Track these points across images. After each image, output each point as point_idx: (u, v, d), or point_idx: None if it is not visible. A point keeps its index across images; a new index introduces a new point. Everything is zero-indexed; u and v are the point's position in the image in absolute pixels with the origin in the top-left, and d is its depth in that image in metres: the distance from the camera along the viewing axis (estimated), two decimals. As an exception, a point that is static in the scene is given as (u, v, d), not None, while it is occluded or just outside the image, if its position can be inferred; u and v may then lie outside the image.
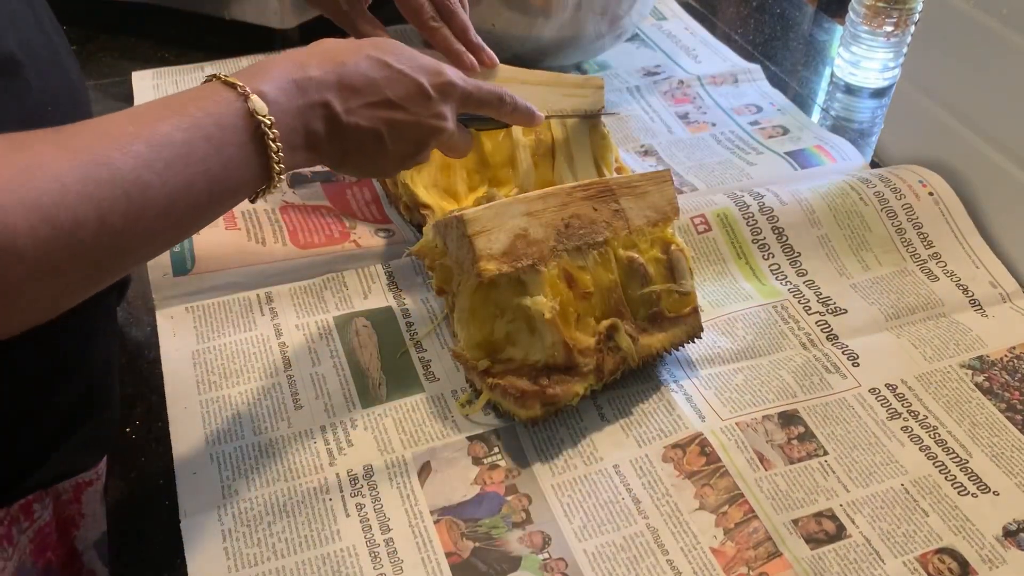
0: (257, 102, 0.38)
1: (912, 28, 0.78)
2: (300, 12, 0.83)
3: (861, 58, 0.82)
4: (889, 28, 0.79)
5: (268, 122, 0.39)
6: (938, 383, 0.55)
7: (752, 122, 0.79)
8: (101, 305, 0.49)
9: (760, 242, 0.64)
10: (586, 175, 0.65)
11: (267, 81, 0.40)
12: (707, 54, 0.88)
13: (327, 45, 0.45)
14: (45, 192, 0.31)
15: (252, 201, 0.41)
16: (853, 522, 0.47)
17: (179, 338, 0.55)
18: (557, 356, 0.49)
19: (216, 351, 0.55)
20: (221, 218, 0.62)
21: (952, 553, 0.46)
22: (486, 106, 0.52)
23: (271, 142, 0.39)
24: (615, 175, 0.67)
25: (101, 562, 0.53)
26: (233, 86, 0.39)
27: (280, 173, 0.40)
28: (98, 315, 0.49)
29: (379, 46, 0.46)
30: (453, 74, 0.49)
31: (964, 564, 0.45)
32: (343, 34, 0.64)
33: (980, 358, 0.57)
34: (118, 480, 0.48)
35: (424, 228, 0.58)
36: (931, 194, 0.66)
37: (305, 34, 0.86)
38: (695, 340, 0.55)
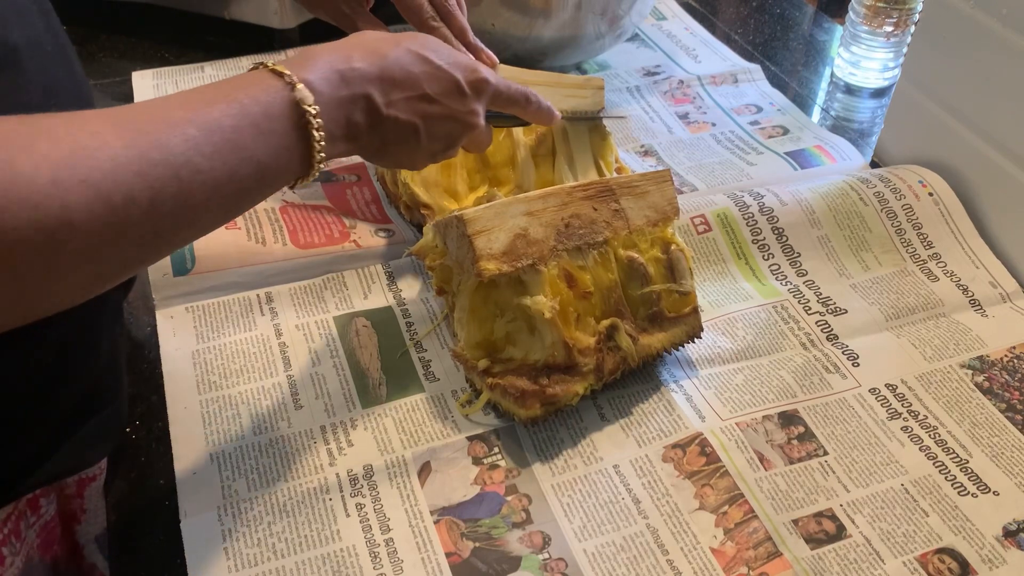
0: (303, 91, 0.39)
1: (912, 28, 0.78)
2: (300, 12, 0.83)
3: (861, 58, 0.82)
4: (889, 28, 0.79)
5: (313, 111, 0.39)
6: (938, 383, 0.55)
7: (752, 122, 0.79)
8: (108, 301, 0.49)
9: (760, 242, 0.64)
10: (586, 175, 0.65)
11: (313, 71, 0.40)
12: (707, 54, 0.88)
13: (368, 37, 0.45)
14: (101, 170, 0.31)
15: (291, 188, 0.42)
16: (853, 522, 0.47)
17: (179, 338, 0.55)
18: (557, 356, 0.49)
19: (216, 351, 0.55)
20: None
21: (952, 553, 0.46)
22: (514, 104, 0.53)
23: (314, 131, 0.39)
24: (615, 175, 0.67)
25: (102, 555, 0.53)
26: (280, 75, 0.39)
27: (320, 162, 0.40)
28: (105, 311, 0.49)
29: (419, 40, 0.46)
30: (487, 72, 0.49)
31: (964, 564, 0.45)
32: (343, 35, 0.63)
33: (980, 358, 0.57)
34: (119, 480, 0.48)
35: (424, 228, 0.58)
36: (931, 194, 0.66)
37: (305, 34, 0.86)
38: (695, 340, 0.55)
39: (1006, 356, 0.57)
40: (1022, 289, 0.62)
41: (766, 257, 0.64)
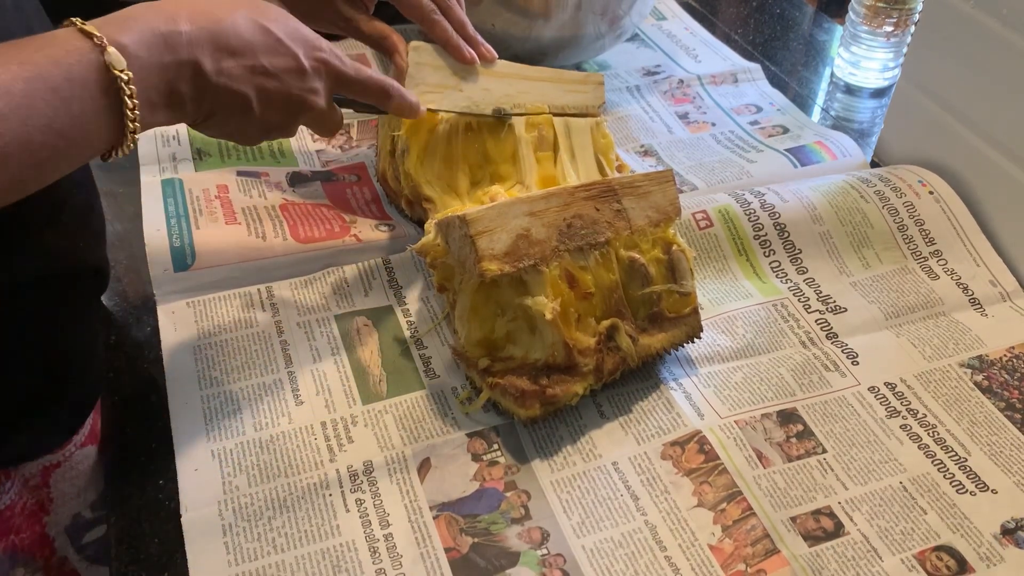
0: (114, 55, 0.36)
1: (912, 28, 0.78)
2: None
3: (861, 58, 0.82)
4: (889, 28, 0.79)
5: (125, 78, 0.36)
6: (937, 382, 0.55)
7: (752, 122, 0.79)
8: (68, 295, 0.49)
9: (761, 238, 0.64)
10: (588, 171, 0.65)
11: (130, 32, 0.37)
12: (707, 54, 0.88)
13: None
14: None
15: (104, 159, 0.39)
16: (851, 519, 0.47)
17: (180, 333, 0.55)
18: (557, 356, 0.49)
19: (217, 347, 0.55)
20: (220, 213, 0.63)
21: (950, 551, 0.46)
22: (369, 95, 0.51)
23: (127, 98, 0.36)
24: (616, 172, 0.67)
25: (73, 548, 0.53)
26: (90, 36, 0.36)
27: (135, 132, 0.38)
28: (67, 301, 0.49)
29: (259, 8, 0.43)
30: (330, 53, 0.47)
31: (962, 562, 0.45)
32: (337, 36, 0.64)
33: (979, 357, 0.57)
34: (118, 480, 0.48)
35: (425, 225, 0.59)
36: (931, 192, 0.66)
37: None
38: (695, 340, 0.55)
39: (1005, 355, 0.57)
40: (1022, 288, 0.62)
41: (767, 254, 0.64)
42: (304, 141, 0.73)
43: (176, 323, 0.56)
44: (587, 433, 0.51)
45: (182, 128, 0.72)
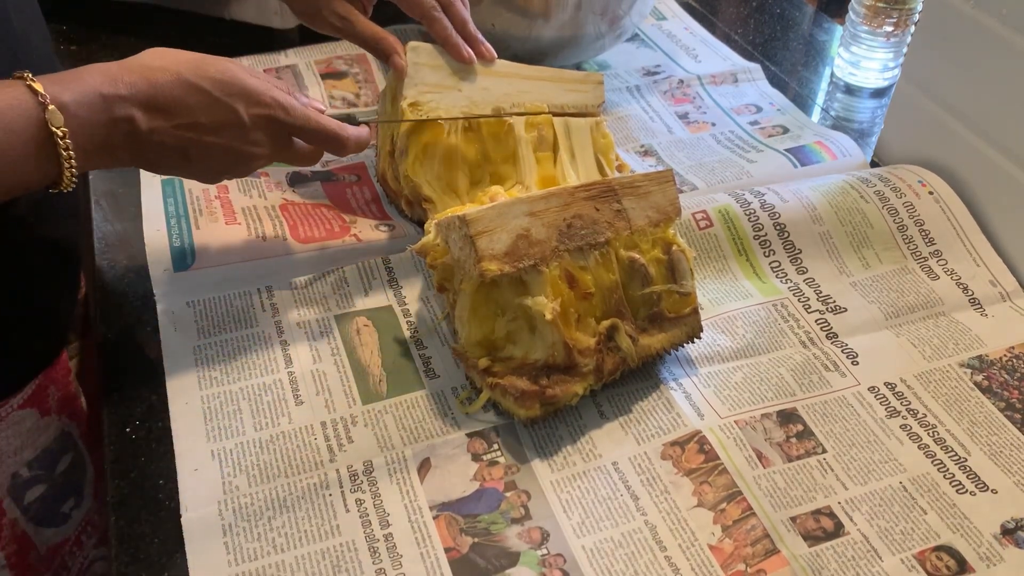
0: (54, 114, 0.41)
1: (912, 28, 0.78)
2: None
3: (861, 58, 0.82)
4: (889, 28, 0.79)
5: (60, 133, 0.41)
6: (937, 382, 0.55)
7: (752, 122, 0.79)
8: (34, 262, 0.53)
9: (761, 238, 0.64)
10: (588, 171, 0.65)
11: (73, 92, 0.42)
12: (707, 54, 0.88)
13: (148, 59, 0.46)
14: None
15: (50, 190, 0.43)
16: (851, 519, 0.47)
17: (180, 333, 0.55)
18: (557, 356, 0.49)
19: (217, 347, 0.55)
20: (220, 213, 0.63)
21: (950, 551, 0.46)
22: (320, 142, 0.53)
23: (62, 150, 0.41)
24: (616, 172, 0.67)
25: (19, 511, 0.55)
26: (35, 92, 0.41)
27: (74, 176, 0.43)
28: (23, 272, 0.52)
29: (202, 68, 0.46)
30: (275, 106, 0.49)
31: (962, 562, 0.45)
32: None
33: (979, 357, 0.57)
34: (118, 480, 0.48)
35: (425, 225, 0.59)
36: (931, 192, 0.66)
37: (305, 33, 0.86)
38: (695, 340, 0.55)
39: (1005, 355, 0.57)
40: (1022, 288, 0.62)
41: (767, 254, 0.64)
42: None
43: (176, 323, 0.56)
44: (587, 433, 0.51)
45: None
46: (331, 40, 0.81)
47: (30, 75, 0.41)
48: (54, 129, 0.41)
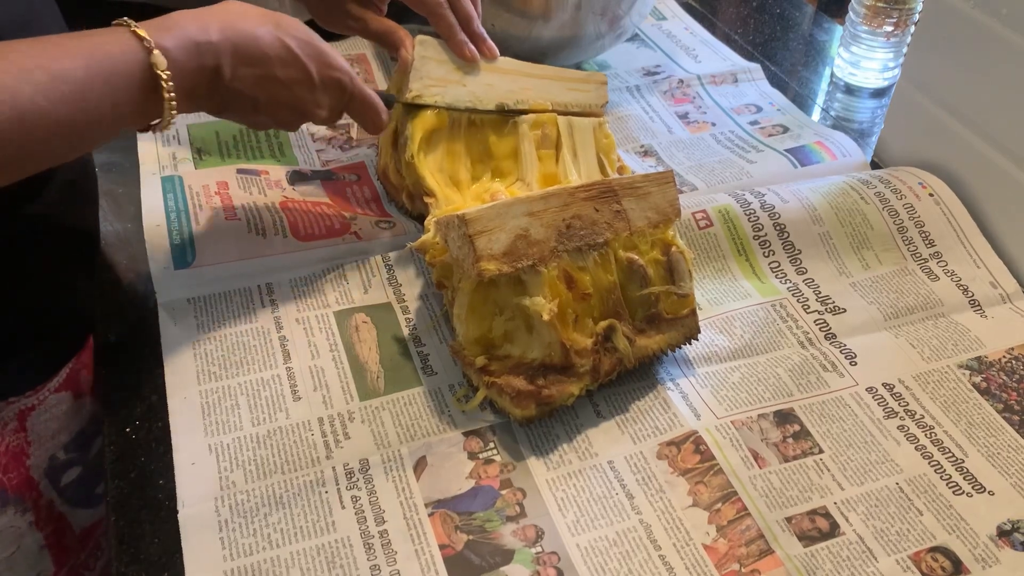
0: (158, 58, 0.43)
1: (912, 28, 0.78)
2: (301, 12, 0.83)
3: (861, 58, 0.82)
4: (889, 28, 0.79)
5: (165, 76, 0.43)
6: (936, 383, 0.55)
7: (752, 122, 0.79)
8: (59, 251, 0.55)
9: (761, 238, 0.64)
10: (589, 171, 0.65)
11: (172, 38, 0.44)
12: (707, 54, 0.88)
13: (234, 9, 0.48)
14: None
15: (142, 131, 0.47)
16: (847, 520, 0.47)
17: (180, 328, 0.55)
18: (554, 356, 0.49)
19: (217, 342, 0.55)
20: (220, 209, 0.63)
21: (945, 552, 0.46)
22: (367, 115, 0.55)
23: (166, 94, 0.44)
24: (617, 173, 0.67)
25: (56, 492, 0.56)
26: (140, 38, 0.43)
27: (174, 117, 0.45)
28: (53, 260, 0.54)
29: (283, 24, 0.49)
30: (343, 73, 0.52)
31: (957, 563, 0.45)
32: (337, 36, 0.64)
33: (978, 359, 0.57)
34: (118, 480, 0.48)
35: (425, 222, 0.59)
36: (931, 195, 0.66)
37: None
38: (692, 342, 0.55)
39: (1004, 357, 0.57)
40: (1022, 290, 0.62)
41: (767, 254, 0.64)
42: (304, 140, 0.74)
43: (176, 319, 0.56)
44: (583, 432, 0.51)
45: (182, 128, 0.72)
46: (333, 40, 0.81)
47: (131, 21, 0.44)
48: (158, 72, 0.43)
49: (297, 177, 0.69)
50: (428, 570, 0.44)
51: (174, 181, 0.66)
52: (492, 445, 0.50)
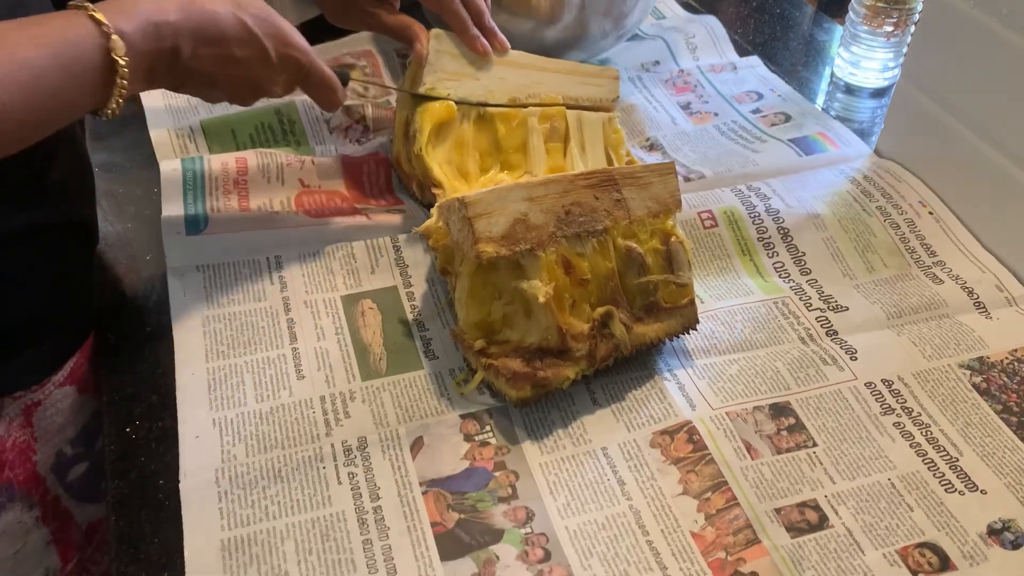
0: (117, 43, 0.42)
1: (912, 28, 0.77)
2: (301, 11, 0.84)
3: (861, 58, 0.82)
4: (889, 28, 0.79)
5: (123, 62, 0.43)
6: (935, 381, 0.55)
7: (754, 110, 0.79)
8: (60, 242, 0.55)
9: (765, 240, 0.64)
10: (597, 165, 0.66)
11: (130, 21, 0.43)
12: (707, 52, 0.88)
13: None
14: None
15: (95, 115, 0.45)
16: (836, 513, 0.47)
17: (189, 298, 0.57)
18: (551, 340, 0.50)
19: (226, 320, 0.56)
20: (235, 196, 0.65)
21: (933, 548, 0.46)
22: (322, 92, 0.56)
23: (119, 79, 0.43)
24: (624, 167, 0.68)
25: (62, 488, 0.56)
26: (99, 22, 0.42)
27: (122, 99, 0.44)
28: (55, 251, 0.54)
29: (242, 3, 0.49)
30: (300, 51, 0.53)
31: (945, 559, 0.45)
32: (341, 33, 0.65)
33: (980, 359, 0.56)
34: (119, 480, 0.48)
35: (432, 208, 0.60)
36: (931, 213, 0.66)
37: (305, 33, 0.87)
38: (690, 331, 0.56)
39: (1006, 358, 0.57)
40: (1027, 291, 0.61)
41: (771, 255, 0.64)
42: (322, 133, 0.74)
43: (186, 288, 0.58)
44: (579, 418, 0.52)
45: (195, 125, 0.72)
46: (336, 38, 0.82)
47: (88, 3, 0.43)
48: (116, 58, 0.42)
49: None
50: (419, 546, 0.45)
51: (194, 160, 0.68)
52: (488, 428, 0.51)
